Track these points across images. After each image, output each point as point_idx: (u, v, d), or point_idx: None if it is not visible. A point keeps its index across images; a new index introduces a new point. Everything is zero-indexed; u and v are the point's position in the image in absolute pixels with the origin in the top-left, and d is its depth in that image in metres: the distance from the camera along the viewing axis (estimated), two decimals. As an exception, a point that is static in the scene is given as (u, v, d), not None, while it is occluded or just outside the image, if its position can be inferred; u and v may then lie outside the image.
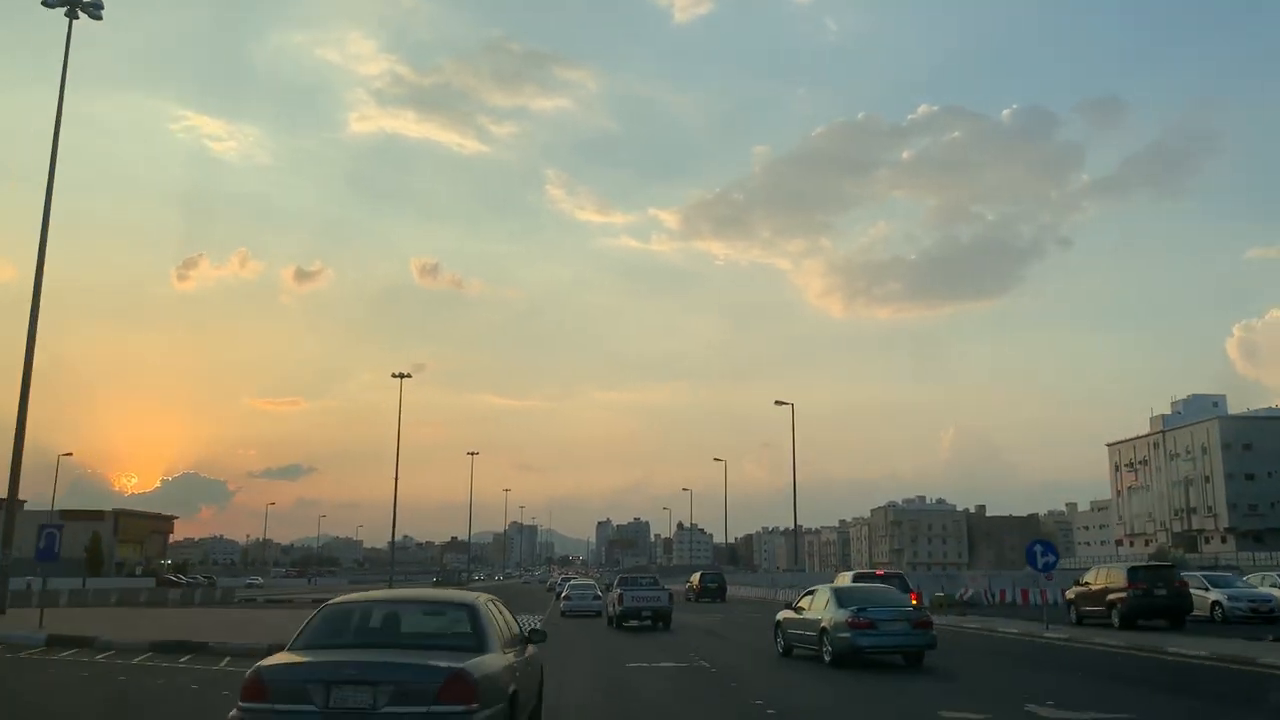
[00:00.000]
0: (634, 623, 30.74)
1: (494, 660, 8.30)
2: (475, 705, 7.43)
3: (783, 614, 21.64)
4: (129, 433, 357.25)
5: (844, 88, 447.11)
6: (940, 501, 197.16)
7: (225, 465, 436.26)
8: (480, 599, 9.57)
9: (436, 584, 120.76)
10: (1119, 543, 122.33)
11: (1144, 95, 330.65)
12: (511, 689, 8.43)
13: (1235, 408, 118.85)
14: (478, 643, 8.44)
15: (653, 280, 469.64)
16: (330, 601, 9.51)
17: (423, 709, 7.32)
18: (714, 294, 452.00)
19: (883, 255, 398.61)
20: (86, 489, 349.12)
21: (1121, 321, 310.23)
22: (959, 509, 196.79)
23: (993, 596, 47.65)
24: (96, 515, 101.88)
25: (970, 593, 47.97)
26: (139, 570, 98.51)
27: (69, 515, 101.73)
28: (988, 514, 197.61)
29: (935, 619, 21.12)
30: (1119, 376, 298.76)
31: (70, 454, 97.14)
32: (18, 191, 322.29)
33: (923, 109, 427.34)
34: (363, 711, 7.32)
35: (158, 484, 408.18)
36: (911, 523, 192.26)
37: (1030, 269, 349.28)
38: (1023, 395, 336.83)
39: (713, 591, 60.95)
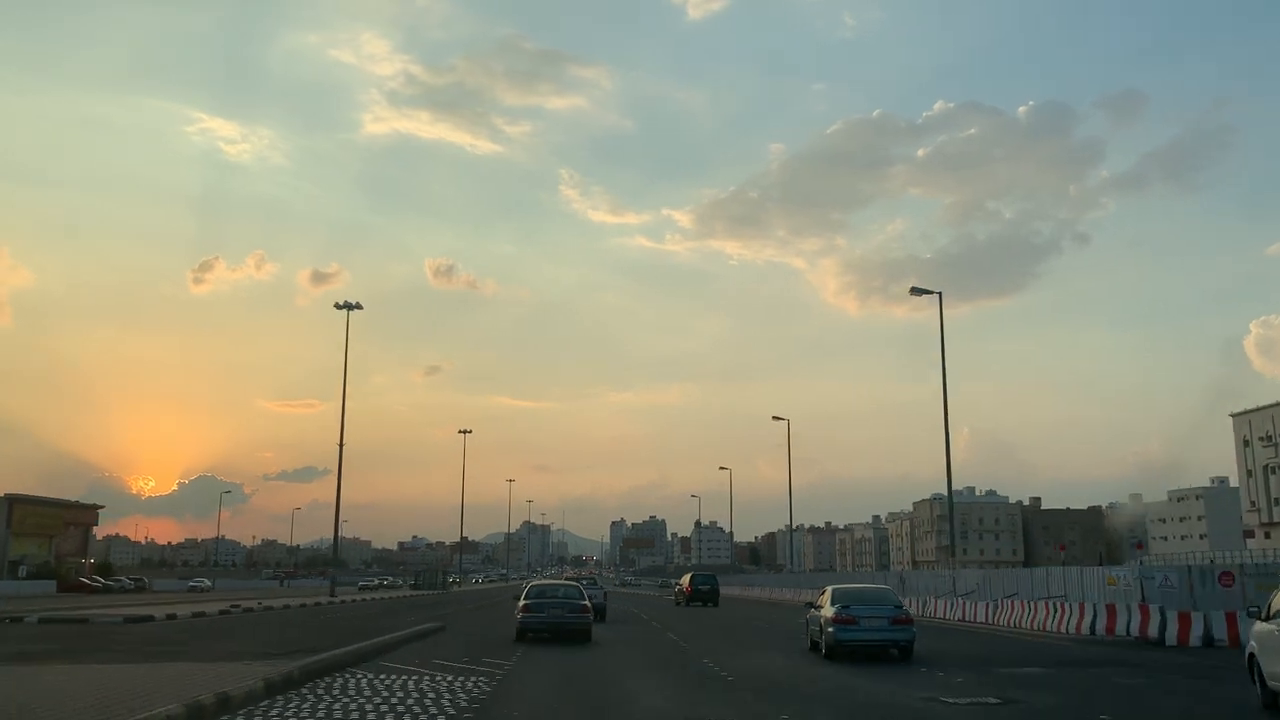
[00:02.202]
0: None
1: (588, 601, 25.46)
2: (589, 614, 24.86)
3: (810, 612, 22.44)
4: (146, 435, 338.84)
5: (860, 84, 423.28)
6: (991, 493, 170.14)
7: (242, 467, 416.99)
8: (577, 585, 27.89)
9: (414, 585, 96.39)
10: (1248, 534, 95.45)
11: (1164, 90, 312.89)
12: (592, 614, 25.97)
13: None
14: (583, 596, 25.48)
15: (667, 280, 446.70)
16: (533, 583, 27.73)
17: (576, 614, 24.27)
18: (728, 293, 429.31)
19: (899, 253, 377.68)
20: (105, 491, 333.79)
21: (1139, 318, 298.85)
22: (1011, 501, 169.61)
23: None
24: (-19, 502, 76.55)
25: None
26: (22, 573, 72.91)
27: (-56, 502, 76.62)
28: (1043, 507, 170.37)
29: None
30: (1137, 372, 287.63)
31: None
32: (31, 195, 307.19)
33: (939, 105, 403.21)
34: (558, 614, 24.20)
35: (175, 486, 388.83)
36: (961, 516, 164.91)
37: (1047, 265, 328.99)
38: (1040, 392, 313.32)
39: (704, 595, 54.92)
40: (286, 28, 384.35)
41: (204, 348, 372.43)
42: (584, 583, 39.50)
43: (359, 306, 58.88)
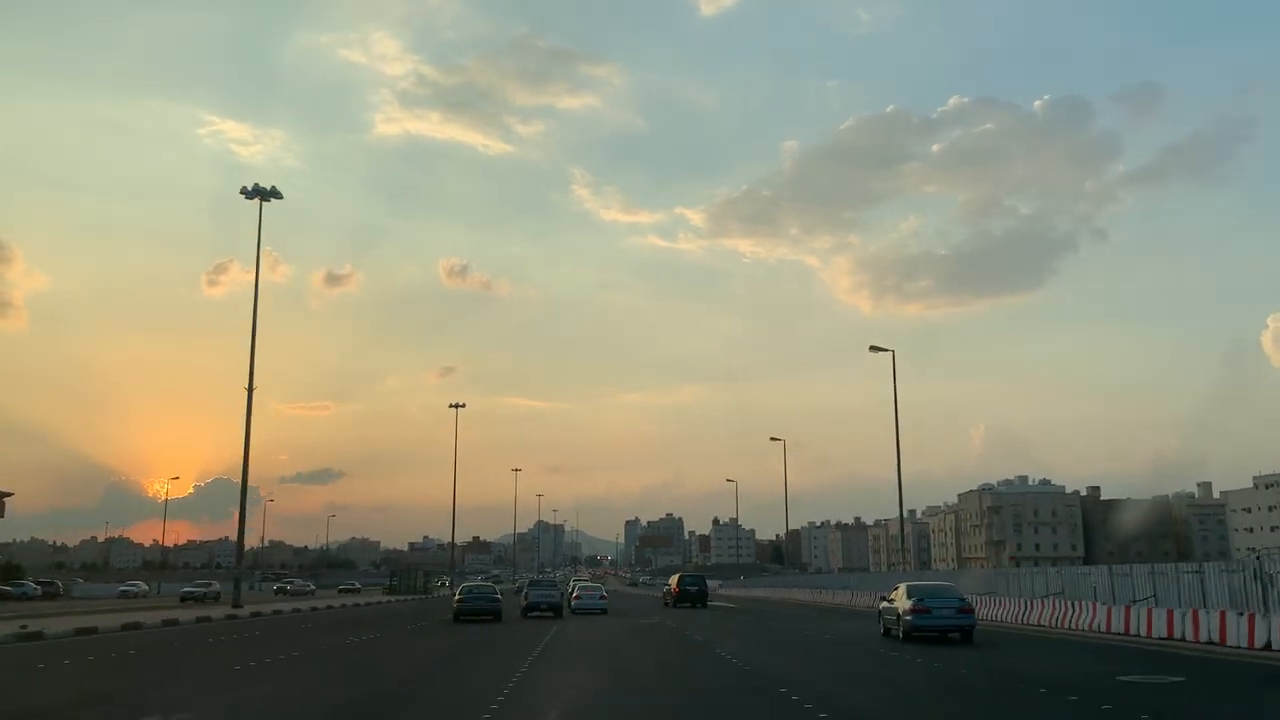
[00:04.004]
0: (535, 614, 39.50)
1: (501, 599, 37.52)
2: (499, 603, 36.51)
3: (882, 604, 26.79)
4: (161, 438, 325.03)
5: (874, 80, 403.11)
6: (1045, 482, 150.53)
7: (257, 470, 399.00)
8: (492, 586, 41.15)
9: (389, 588, 78.19)
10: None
11: (1183, 82, 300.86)
12: (501, 603, 37.26)
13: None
14: (496, 594, 37.78)
15: (680, 279, 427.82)
16: (463, 584, 42.72)
17: (493, 605, 36.04)
18: (741, 292, 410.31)
19: (913, 251, 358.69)
20: (121, 495, 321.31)
21: (1157, 313, 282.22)
22: (1068, 490, 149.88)
23: None
24: None
25: None
26: None
27: None
28: (1102, 497, 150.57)
29: None
30: (1154, 369, 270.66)
31: None
32: (45, 199, 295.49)
33: (954, 100, 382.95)
34: (479, 604, 36.12)
35: (191, 489, 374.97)
36: (1014, 508, 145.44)
37: (1064, 262, 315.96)
38: (1056, 390, 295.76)
39: (692, 596, 51.94)
40: (297, 28, 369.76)
41: (219, 350, 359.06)
42: (545, 584, 46.10)
43: (278, 195, 40.52)
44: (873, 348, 46.73)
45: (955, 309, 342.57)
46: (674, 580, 56.12)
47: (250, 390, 39.59)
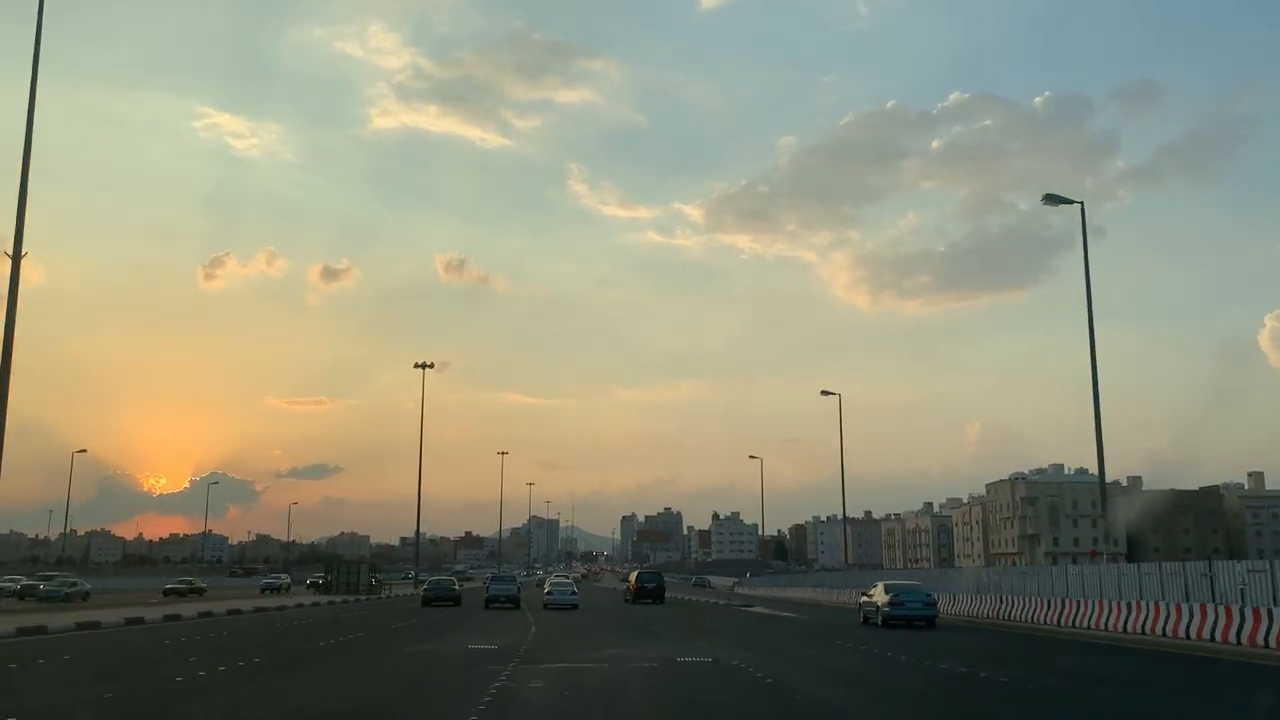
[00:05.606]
0: (496, 605, 41.29)
1: (459, 589, 50.47)
2: (458, 591, 48.91)
3: (862, 599, 32.17)
4: (156, 433, 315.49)
5: (873, 75, 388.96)
6: (1082, 471, 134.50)
7: (252, 465, 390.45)
8: (453, 579, 55.03)
9: (320, 585, 61.81)
10: None
11: (1182, 80, 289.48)
12: (460, 594, 49.49)
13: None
14: (456, 586, 50.34)
15: (677, 275, 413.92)
16: (430, 578, 57.67)
17: (452, 593, 47.25)
18: (739, 288, 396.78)
19: (911, 247, 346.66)
20: (115, 490, 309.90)
21: (1153, 312, 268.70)
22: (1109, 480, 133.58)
23: None
24: None
25: None
26: None
27: None
28: (1144, 488, 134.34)
29: None
30: (1150, 368, 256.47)
31: None
32: (40, 192, 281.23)
33: (953, 96, 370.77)
34: (442, 592, 47.41)
35: (186, 484, 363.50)
36: (1049, 500, 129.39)
37: (1061, 259, 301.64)
38: (1052, 387, 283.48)
39: (650, 592, 52.09)
40: (293, 21, 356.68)
41: (215, 344, 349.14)
42: (505, 579, 51.10)
43: None
44: (1048, 197, 30.91)
45: (954, 305, 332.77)
46: (633, 577, 56.60)
47: (16, 258, 23.32)
